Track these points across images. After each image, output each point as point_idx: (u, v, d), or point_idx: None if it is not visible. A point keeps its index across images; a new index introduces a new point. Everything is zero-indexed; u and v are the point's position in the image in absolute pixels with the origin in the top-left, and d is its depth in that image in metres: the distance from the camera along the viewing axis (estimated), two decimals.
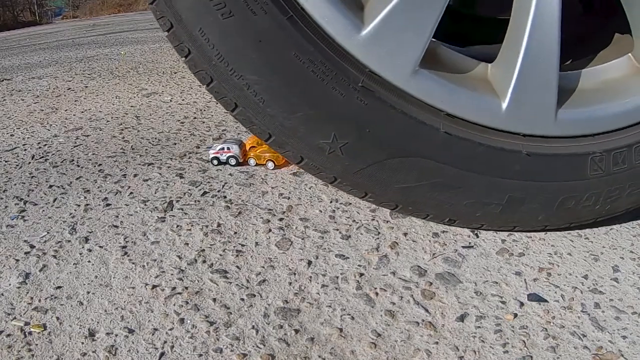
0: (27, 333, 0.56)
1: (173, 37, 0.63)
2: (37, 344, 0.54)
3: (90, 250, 0.71)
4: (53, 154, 1.16)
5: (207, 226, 0.78)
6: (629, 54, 0.75)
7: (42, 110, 1.63)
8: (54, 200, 0.87)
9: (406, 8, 0.62)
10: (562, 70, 0.70)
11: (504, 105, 0.68)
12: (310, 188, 0.92)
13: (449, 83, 0.67)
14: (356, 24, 0.63)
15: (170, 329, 0.57)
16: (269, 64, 0.62)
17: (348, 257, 0.72)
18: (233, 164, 1.01)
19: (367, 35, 0.63)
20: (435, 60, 0.70)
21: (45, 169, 1.06)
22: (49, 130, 1.38)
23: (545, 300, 0.64)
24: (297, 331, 0.58)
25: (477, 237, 0.78)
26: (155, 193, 0.89)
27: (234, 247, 0.73)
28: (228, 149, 1.01)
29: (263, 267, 0.69)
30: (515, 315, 0.61)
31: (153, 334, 0.57)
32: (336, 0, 0.63)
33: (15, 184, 0.97)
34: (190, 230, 0.77)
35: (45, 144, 1.24)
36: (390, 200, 0.72)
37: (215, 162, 1.02)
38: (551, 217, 0.74)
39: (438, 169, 0.68)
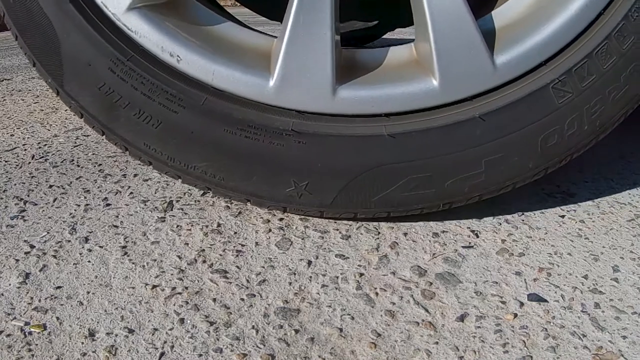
0: (27, 333, 0.56)
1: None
2: (37, 344, 0.54)
3: (90, 250, 0.71)
4: (53, 154, 1.16)
5: (207, 226, 0.78)
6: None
7: (42, 110, 1.63)
8: (54, 200, 0.87)
9: None
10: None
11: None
12: None
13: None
14: None
15: (170, 329, 0.57)
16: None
17: (348, 257, 0.72)
18: None
19: None
20: None
21: (45, 168, 1.06)
22: (49, 130, 1.38)
23: (545, 300, 0.64)
24: (297, 331, 0.58)
25: (477, 237, 0.78)
26: (155, 193, 0.89)
27: (234, 247, 0.73)
28: None
29: (263, 267, 0.69)
30: (515, 315, 0.61)
31: (153, 334, 0.57)
32: None
33: (15, 184, 0.97)
34: (190, 230, 0.77)
35: (45, 144, 1.24)
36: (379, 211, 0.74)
37: None
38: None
39: None
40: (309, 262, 0.71)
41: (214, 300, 0.63)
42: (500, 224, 0.84)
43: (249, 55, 0.71)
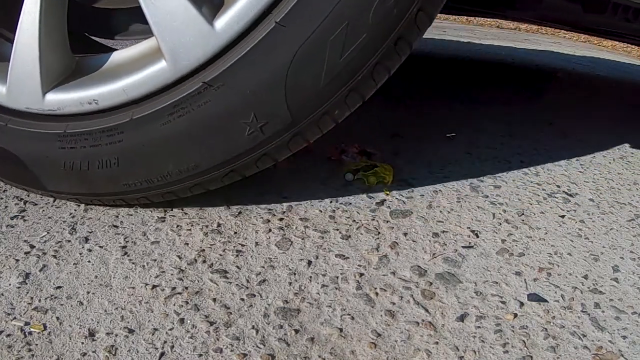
0: (27, 333, 0.56)
1: None
2: (37, 344, 0.54)
3: (90, 250, 0.71)
4: None
5: (207, 226, 0.78)
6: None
7: None
8: (54, 200, 0.87)
9: None
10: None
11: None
12: (310, 188, 0.92)
13: None
14: None
15: (170, 329, 0.57)
16: None
17: (348, 257, 0.72)
18: None
19: None
20: None
21: None
22: None
23: (545, 300, 0.64)
24: (297, 331, 0.58)
25: (477, 237, 0.78)
26: None
27: (234, 247, 0.73)
28: None
29: (263, 267, 0.69)
30: (515, 315, 0.61)
31: (153, 334, 0.57)
32: None
33: None
34: (190, 230, 0.77)
35: None
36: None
37: None
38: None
39: None
40: (309, 262, 0.71)
41: (214, 300, 0.63)
42: (500, 224, 0.84)
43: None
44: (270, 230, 0.78)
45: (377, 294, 0.65)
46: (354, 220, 0.82)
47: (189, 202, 0.85)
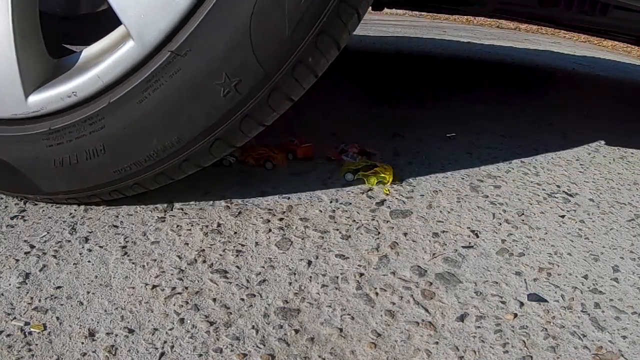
0: (27, 333, 0.56)
1: None
2: (37, 344, 0.54)
3: (90, 250, 0.71)
4: None
5: (207, 226, 0.78)
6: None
7: None
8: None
9: None
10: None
11: None
12: (310, 188, 0.92)
13: None
14: None
15: (170, 329, 0.57)
16: None
17: (348, 257, 0.72)
18: (227, 165, 1.01)
19: None
20: None
21: None
22: None
23: (545, 300, 0.64)
24: (297, 331, 0.58)
25: (477, 237, 0.78)
26: (156, 193, 0.89)
27: (234, 247, 0.73)
28: None
29: (263, 267, 0.69)
30: (515, 315, 0.61)
31: (153, 334, 0.57)
32: None
33: None
34: (190, 230, 0.77)
35: None
36: None
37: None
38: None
39: None
40: (309, 262, 0.71)
41: (214, 300, 0.63)
42: (500, 224, 0.84)
43: None
44: (270, 230, 0.78)
45: (377, 294, 0.65)
46: (354, 220, 0.82)
47: (189, 202, 0.85)
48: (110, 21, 0.75)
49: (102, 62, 0.70)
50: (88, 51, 0.75)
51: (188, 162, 0.74)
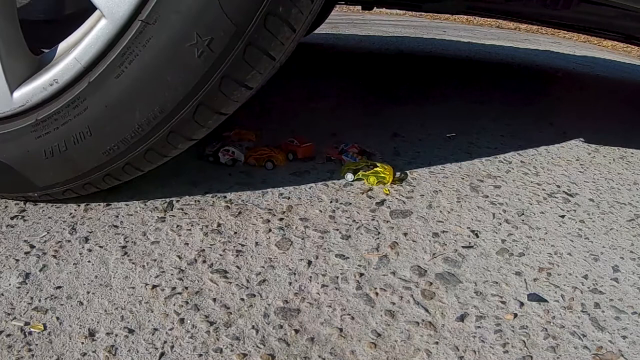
0: (27, 333, 0.56)
1: None
2: (37, 344, 0.54)
3: (90, 250, 0.71)
4: None
5: (207, 226, 0.78)
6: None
7: None
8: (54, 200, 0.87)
9: None
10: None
11: None
12: (310, 188, 0.92)
13: None
14: None
15: (170, 329, 0.57)
16: None
17: (348, 257, 0.72)
18: (230, 164, 1.01)
19: None
20: None
21: None
22: None
23: (545, 300, 0.64)
24: (297, 331, 0.58)
25: (477, 237, 0.78)
26: (155, 193, 0.89)
27: (234, 247, 0.73)
28: (227, 150, 1.00)
29: (263, 267, 0.69)
30: (515, 315, 0.61)
31: (153, 334, 0.57)
32: None
33: None
34: (190, 230, 0.77)
35: None
36: None
37: (210, 159, 1.02)
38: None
39: None
40: (309, 262, 0.71)
41: (214, 300, 0.63)
42: (500, 224, 0.84)
43: None
44: (270, 230, 0.78)
45: (377, 294, 0.65)
46: (354, 220, 0.82)
47: (189, 202, 0.85)
48: (88, 14, 0.75)
49: (79, 45, 0.71)
50: (65, 42, 0.77)
51: (174, 134, 0.74)
